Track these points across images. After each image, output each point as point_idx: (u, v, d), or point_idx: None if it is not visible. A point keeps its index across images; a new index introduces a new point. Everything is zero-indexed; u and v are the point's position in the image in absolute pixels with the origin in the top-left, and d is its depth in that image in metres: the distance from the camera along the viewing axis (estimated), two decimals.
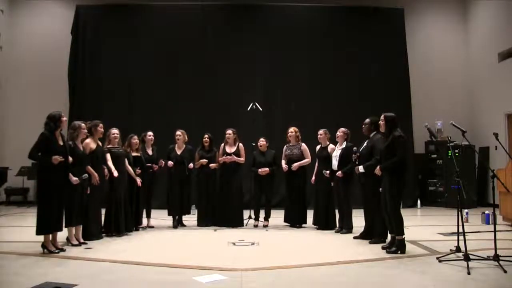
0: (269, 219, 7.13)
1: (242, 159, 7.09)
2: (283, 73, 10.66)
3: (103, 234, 5.90)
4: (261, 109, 8.15)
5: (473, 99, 11.29)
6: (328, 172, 6.46)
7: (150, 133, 7.00)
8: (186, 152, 7.08)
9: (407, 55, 10.97)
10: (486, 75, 10.75)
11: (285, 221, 7.04)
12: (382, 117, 5.04)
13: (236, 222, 7.00)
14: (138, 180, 6.42)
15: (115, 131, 6.24)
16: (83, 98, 10.54)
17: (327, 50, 10.75)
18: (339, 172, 6.21)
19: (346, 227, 6.28)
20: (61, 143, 4.95)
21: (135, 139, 6.63)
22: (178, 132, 7.10)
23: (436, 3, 11.73)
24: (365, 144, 5.70)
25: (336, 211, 6.61)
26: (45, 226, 4.83)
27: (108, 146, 6.12)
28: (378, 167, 5.07)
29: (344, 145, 6.34)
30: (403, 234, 4.90)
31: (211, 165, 7.03)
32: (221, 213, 7.01)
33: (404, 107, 10.66)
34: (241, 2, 11.10)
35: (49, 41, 11.19)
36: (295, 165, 6.79)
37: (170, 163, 6.95)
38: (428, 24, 11.67)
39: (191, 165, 7.02)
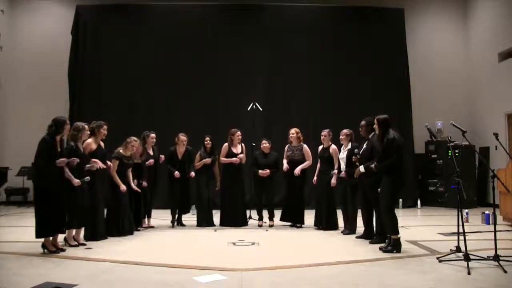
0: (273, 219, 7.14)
1: (244, 158, 7.18)
2: (283, 73, 10.65)
3: None
4: (261, 109, 8.16)
5: (473, 99, 11.28)
6: (333, 178, 6.44)
7: (153, 135, 6.95)
8: (187, 155, 7.10)
9: (407, 55, 10.96)
10: (486, 75, 10.74)
11: (281, 219, 7.02)
12: (375, 120, 5.07)
13: (241, 221, 7.04)
14: (136, 188, 6.37)
15: (135, 143, 6.18)
16: (83, 98, 10.53)
17: (327, 50, 10.75)
18: (343, 173, 6.08)
19: (349, 227, 6.26)
20: (59, 149, 4.92)
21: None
22: (184, 138, 7.08)
23: (436, 3, 11.72)
24: (364, 146, 5.67)
25: (340, 212, 6.57)
26: (44, 230, 4.82)
27: (120, 151, 6.07)
28: (374, 165, 5.09)
29: (349, 146, 6.29)
30: (398, 233, 4.95)
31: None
32: (226, 213, 7.03)
33: (404, 107, 10.68)
34: (241, 2, 11.10)
35: (49, 41, 11.18)
36: (298, 170, 6.76)
37: (177, 173, 6.88)
38: (428, 24, 11.67)
39: (192, 173, 7.03)
